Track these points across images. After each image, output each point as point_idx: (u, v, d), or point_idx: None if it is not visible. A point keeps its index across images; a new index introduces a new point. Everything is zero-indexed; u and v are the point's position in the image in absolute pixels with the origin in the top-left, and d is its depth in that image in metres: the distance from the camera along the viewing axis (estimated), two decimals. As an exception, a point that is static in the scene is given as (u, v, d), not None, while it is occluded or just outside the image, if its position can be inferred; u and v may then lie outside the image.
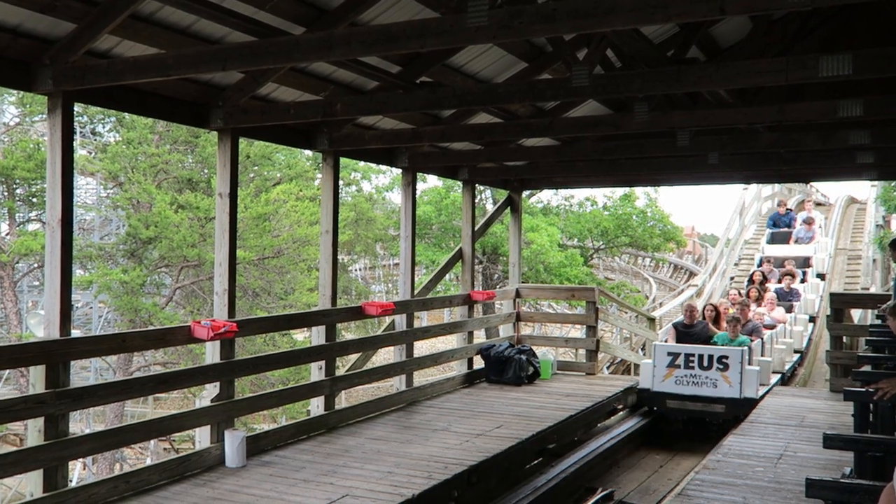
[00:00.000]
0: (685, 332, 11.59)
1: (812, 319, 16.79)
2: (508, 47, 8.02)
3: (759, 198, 26.69)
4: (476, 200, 12.58)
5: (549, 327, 19.31)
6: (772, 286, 16.04)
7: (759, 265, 18.16)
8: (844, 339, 11.20)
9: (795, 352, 14.57)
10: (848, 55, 5.13)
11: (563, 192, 26.74)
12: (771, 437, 8.26)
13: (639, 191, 26.03)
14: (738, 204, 25.48)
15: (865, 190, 27.39)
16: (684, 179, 12.61)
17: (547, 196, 27.34)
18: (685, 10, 4.16)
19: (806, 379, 14.71)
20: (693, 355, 10.53)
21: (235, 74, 7.05)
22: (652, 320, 14.73)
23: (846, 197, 28.60)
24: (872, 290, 19.19)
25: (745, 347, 10.58)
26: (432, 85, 7.95)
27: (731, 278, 21.38)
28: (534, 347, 12.33)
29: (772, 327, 13.31)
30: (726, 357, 10.38)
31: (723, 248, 24.02)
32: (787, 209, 20.89)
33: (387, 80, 7.50)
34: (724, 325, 11.55)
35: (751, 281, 15.93)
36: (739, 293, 14.87)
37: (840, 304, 11.27)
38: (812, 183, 28.64)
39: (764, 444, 7.96)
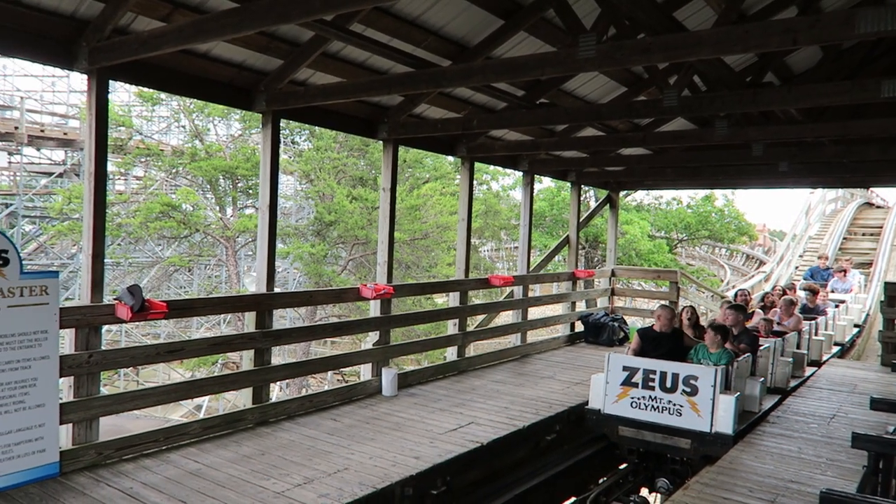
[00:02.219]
0: (653, 340, 7.07)
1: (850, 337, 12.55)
2: (611, 74, 7.81)
3: (823, 200, 25.04)
4: (581, 198, 12.35)
5: (637, 301, 18.70)
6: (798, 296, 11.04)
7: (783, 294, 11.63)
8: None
9: (812, 364, 9.48)
10: (907, 79, 4.70)
11: (654, 192, 25.73)
12: (825, 400, 7.75)
13: (717, 192, 24.76)
14: (805, 205, 24.10)
15: (922, 195, 25.01)
16: (757, 184, 11.89)
17: (640, 195, 26.30)
18: (761, 42, 3.91)
19: (860, 354, 13.61)
20: (654, 372, 6.43)
21: (397, 97, 7.23)
22: (724, 298, 14.02)
23: (904, 201, 26.17)
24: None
25: (721, 367, 6.34)
26: (549, 105, 7.86)
27: (796, 267, 20.10)
28: (625, 316, 12.05)
29: (781, 334, 8.60)
30: (695, 378, 6.26)
31: (789, 241, 22.67)
32: (828, 266, 14.98)
33: (513, 101, 7.46)
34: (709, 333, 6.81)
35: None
36: (749, 294, 9.98)
37: (894, 291, 10.42)
38: (872, 188, 26.43)
39: (819, 405, 7.48)
